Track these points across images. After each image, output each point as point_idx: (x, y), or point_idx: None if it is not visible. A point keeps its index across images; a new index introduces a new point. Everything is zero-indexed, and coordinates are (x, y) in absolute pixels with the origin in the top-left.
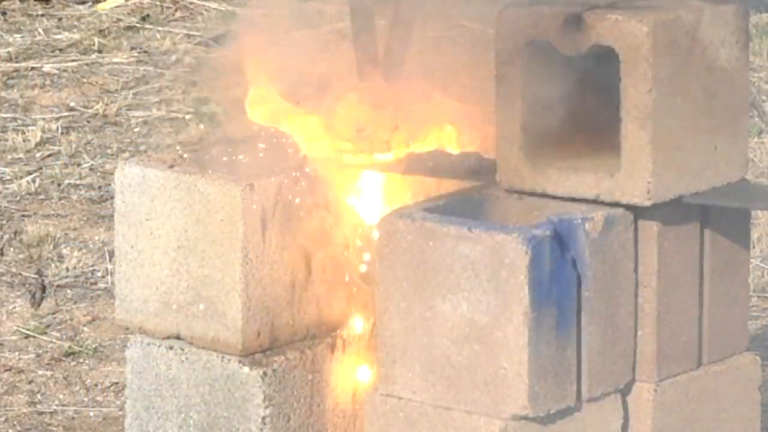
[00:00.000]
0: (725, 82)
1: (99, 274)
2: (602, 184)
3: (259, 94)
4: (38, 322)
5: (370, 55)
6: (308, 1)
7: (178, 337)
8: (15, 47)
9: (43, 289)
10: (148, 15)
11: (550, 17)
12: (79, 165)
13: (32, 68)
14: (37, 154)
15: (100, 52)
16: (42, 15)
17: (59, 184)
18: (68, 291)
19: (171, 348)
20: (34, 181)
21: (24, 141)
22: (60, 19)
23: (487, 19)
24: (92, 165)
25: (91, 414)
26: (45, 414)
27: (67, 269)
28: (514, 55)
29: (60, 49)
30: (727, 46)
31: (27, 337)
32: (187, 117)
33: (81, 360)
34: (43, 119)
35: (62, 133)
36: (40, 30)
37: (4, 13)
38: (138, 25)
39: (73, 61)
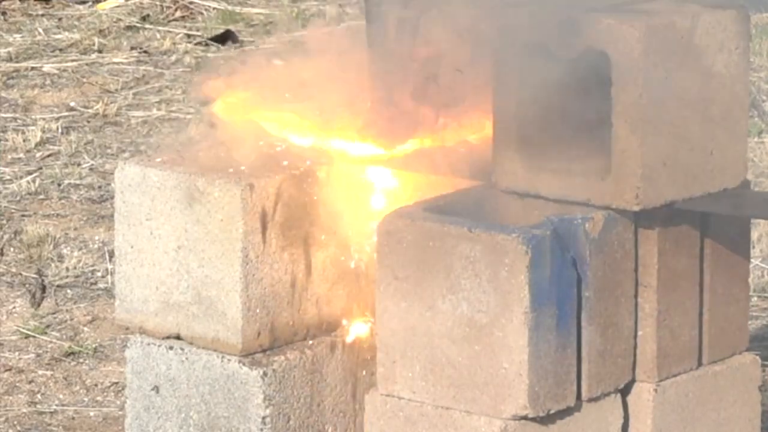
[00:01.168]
0: (723, 87)
1: (99, 274)
2: (593, 187)
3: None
4: (38, 322)
5: (383, 57)
6: (308, 1)
7: (178, 337)
8: (15, 47)
9: (43, 289)
10: (148, 15)
11: (545, 19)
12: (79, 165)
13: (32, 68)
14: (37, 154)
15: (100, 52)
16: (42, 15)
17: (59, 184)
18: (68, 291)
19: (171, 348)
20: (34, 181)
21: (24, 141)
22: (60, 19)
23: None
24: (92, 165)
25: (91, 414)
26: (45, 414)
27: (67, 269)
28: (511, 57)
29: (60, 49)
30: (725, 52)
31: (27, 337)
32: (187, 117)
33: (81, 360)
34: (43, 119)
35: (62, 133)
36: (40, 30)
37: (4, 13)
38: (138, 25)
39: (73, 61)
